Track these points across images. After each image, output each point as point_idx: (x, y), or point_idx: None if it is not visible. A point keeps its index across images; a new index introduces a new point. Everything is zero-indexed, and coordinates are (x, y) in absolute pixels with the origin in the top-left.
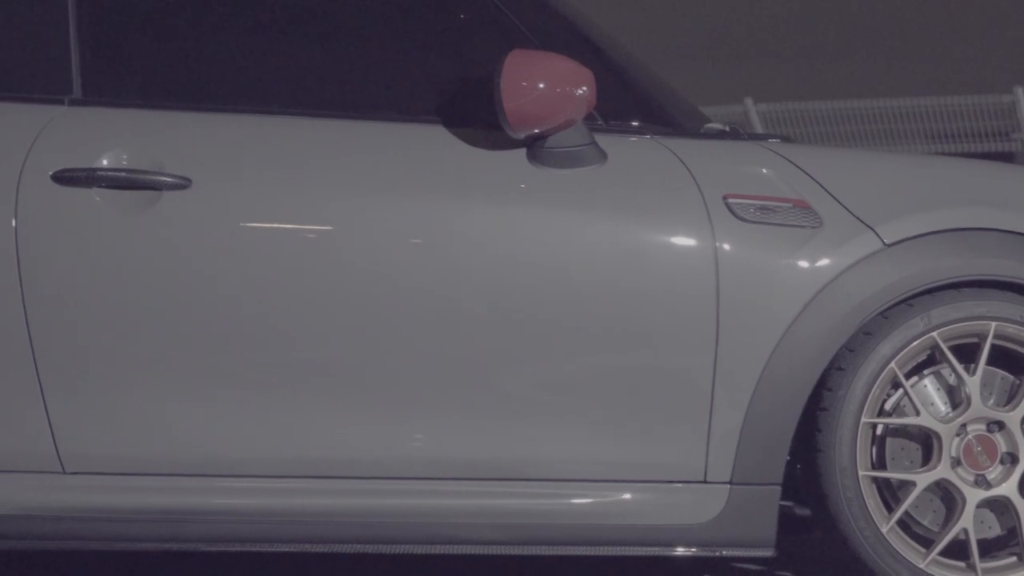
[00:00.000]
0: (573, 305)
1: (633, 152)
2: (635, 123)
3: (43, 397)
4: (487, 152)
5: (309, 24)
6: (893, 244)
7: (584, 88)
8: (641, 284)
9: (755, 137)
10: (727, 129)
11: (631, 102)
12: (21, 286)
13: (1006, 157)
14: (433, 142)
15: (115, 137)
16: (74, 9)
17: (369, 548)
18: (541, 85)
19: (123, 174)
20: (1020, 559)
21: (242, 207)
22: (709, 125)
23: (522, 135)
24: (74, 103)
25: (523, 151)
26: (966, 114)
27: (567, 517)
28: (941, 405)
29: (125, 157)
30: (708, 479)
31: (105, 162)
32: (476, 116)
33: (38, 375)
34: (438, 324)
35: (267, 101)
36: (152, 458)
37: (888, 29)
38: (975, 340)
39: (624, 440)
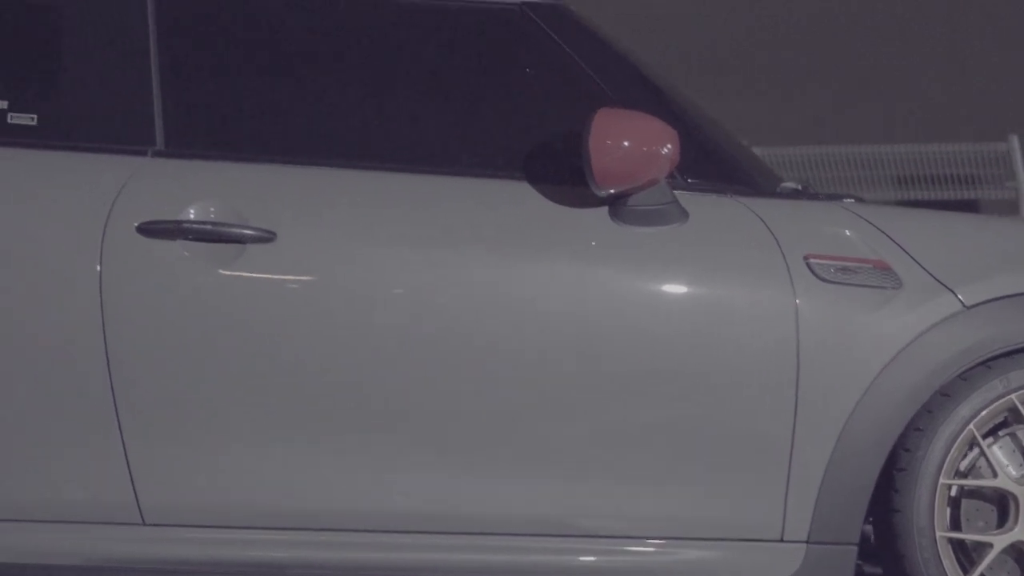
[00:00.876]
0: (654, 362)
1: (714, 211)
2: (714, 182)
3: (124, 448)
4: (570, 209)
5: (394, 79)
6: (973, 306)
7: (669, 147)
8: (721, 342)
9: (831, 197)
10: (800, 188)
11: (710, 161)
12: (105, 337)
13: (1000, 205)
14: (516, 198)
15: (199, 189)
16: (156, 61)
17: None
18: (628, 144)
19: (208, 226)
20: None
21: (327, 261)
22: (784, 184)
23: (607, 193)
24: (157, 154)
25: (606, 209)
26: (959, 161)
27: (639, 575)
28: (1016, 467)
29: (210, 209)
30: (785, 538)
31: (190, 214)
32: (559, 173)
33: (120, 426)
34: (522, 380)
35: (351, 155)
36: (231, 510)
37: (883, 76)
38: None
39: (700, 498)
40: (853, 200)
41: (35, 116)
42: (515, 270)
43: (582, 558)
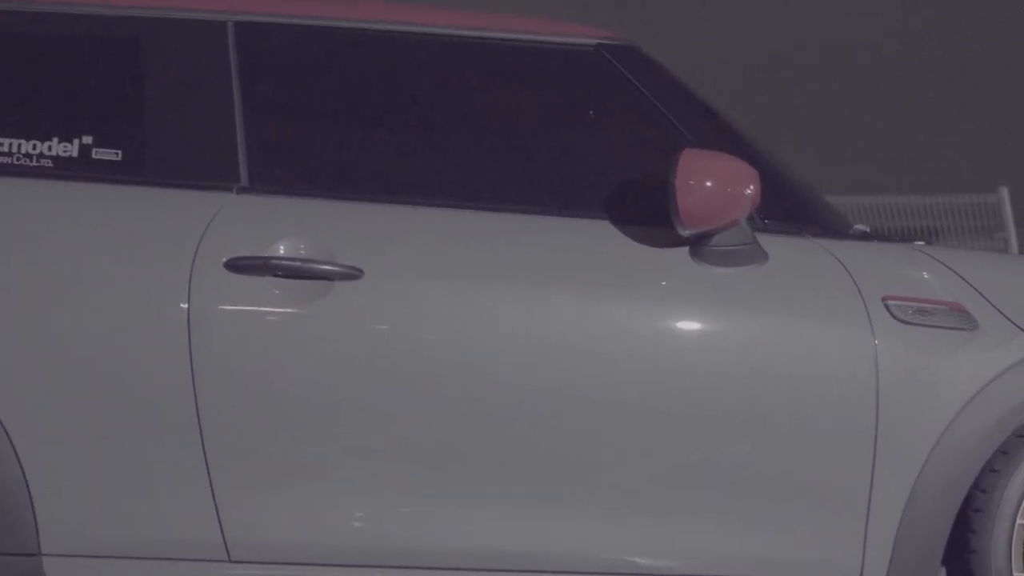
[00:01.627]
0: (733, 401)
1: (792, 252)
2: (790, 223)
3: (211, 484)
4: (650, 249)
5: (474, 118)
6: None
7: (751, 188)
8: (801, 382)
9: (903, 239)
10: (868, 230)
11: (785, 202)
12: (193, 373)
13: None
14: (598, 237)
15: (286, 225)
16: (239, 99)
17: None
18: (713, 184)
19: (296, 263)
20: None
21: (414, 299)
22: (857, 227)
23: (691, 233)
24: (242, 191)
25: (687, 249)
26: (950, 212)
27: None
28: None
29: (297, 246)
30: None
31: (278, 250)
32: (638, 212)
33: (207, 462)
34: (606, 419)
35: (434, 193)
36: (316, 547)
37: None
38: None
39: (781, 538)
40: (923, 243)
41: (120, 152)
42: (599, 309)
43: None
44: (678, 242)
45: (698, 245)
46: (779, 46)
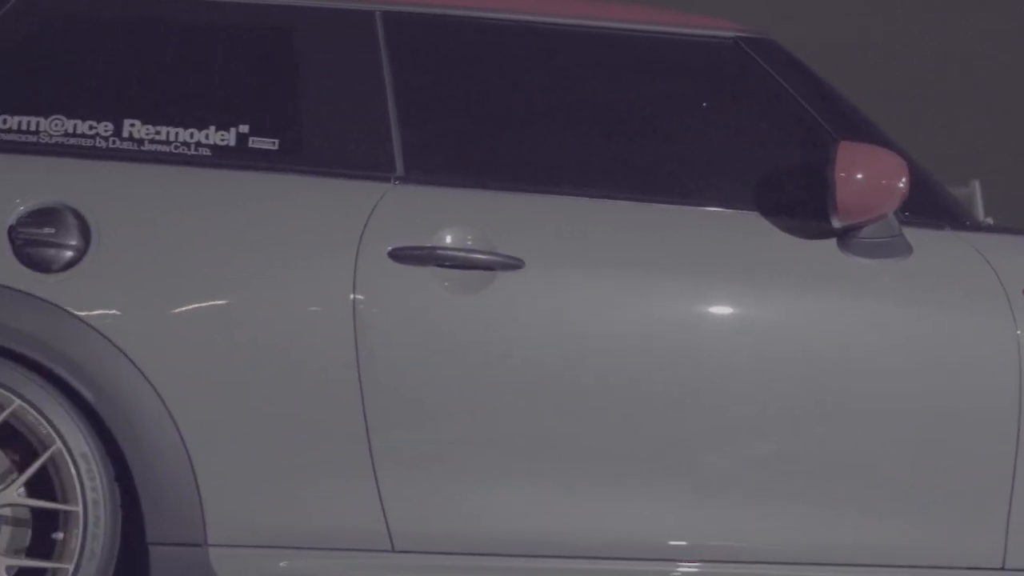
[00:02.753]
0: (878, 392)
1: (935, 245)
2: (930, 216)
3: (375, 475)
4: (799, 240)
5: (626, 111)
6: None
7: (904, 180)
8: (946, 373)
9: None
10: (991, 222)
11: (924, 195)
12: (358, 364)
13: None
14: (750, 229)
15: (447, 216)
16: (392, 89)
17: None
18: (870, 177)
19: (460, 253)
20: None
21: (575, 290)
22: (985, 219)
23: (845, 225)
24: (399, 181)
25: (834, 241)
26: None
27: None
28: None
29: (459, 236)
30: (1007, 566)
31: (441, 241)
32: (785, 205)
33: (371, 452)
34: (760, 408)
35: (590, 184)
36: (480, 538)
37: None
38: None
39: (923, 526)
40: None
41: (276, 141)
42: (754, 300)
43: None
44: (825, 234)
45: (846, 237)
46: None
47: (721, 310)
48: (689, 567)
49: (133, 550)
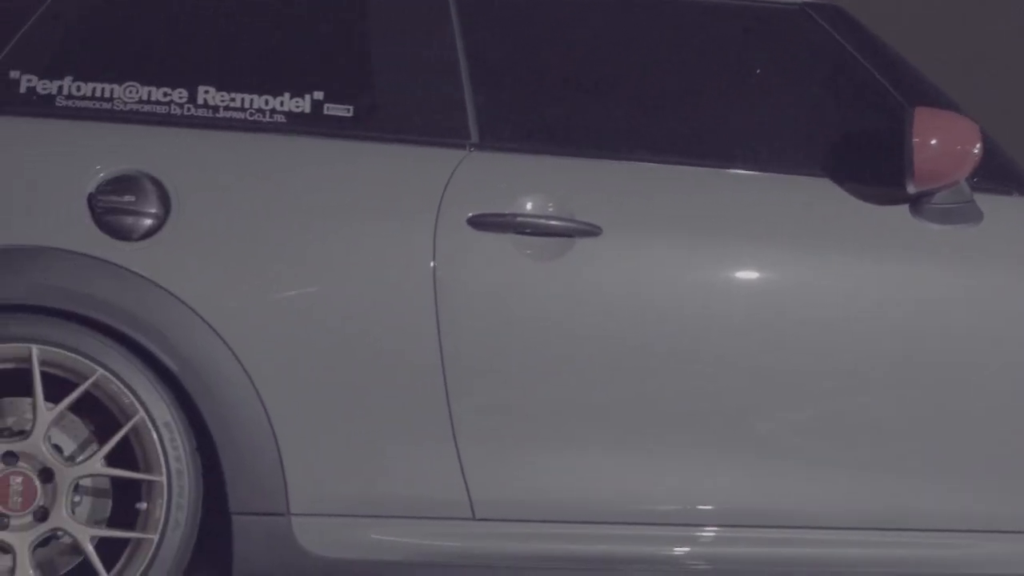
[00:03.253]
0: (951, 356)
1: (1005, 210)
2: (998, 182)
3: (456, 443)
4: (871, 206)
5: (698, 78)
6: None
7: (978, 146)
8: (1015, 338)
9: None
10: None
11: (994, 161)
12: (439, 332)
13: None
14: (822, 195)
15: (524, 183)
16: (464, 55)
17: None
18: (946, 142)
19: (539, 220)
20: None
21: (653, 257)
22: None
23: (920, 191)
24: (474, 148)
25: (906, 207)
26: None
27: (942, 567)
28: None
29: (538, 203)
30: None
31: (518, 207)
32: (855, 171)
33: (452, 420)
34: (837, 375)
35: (662, 151)
36: (560, 505)
37: None
38: None
39: (1001, 492)
40: None
41: (351, 108)
42: (827, 266)
43: (892, 551)
44: (897, 200)
45: (918, 203)
46: None
47: (796, 276)
48: (771, 532)
49: (215, 520)
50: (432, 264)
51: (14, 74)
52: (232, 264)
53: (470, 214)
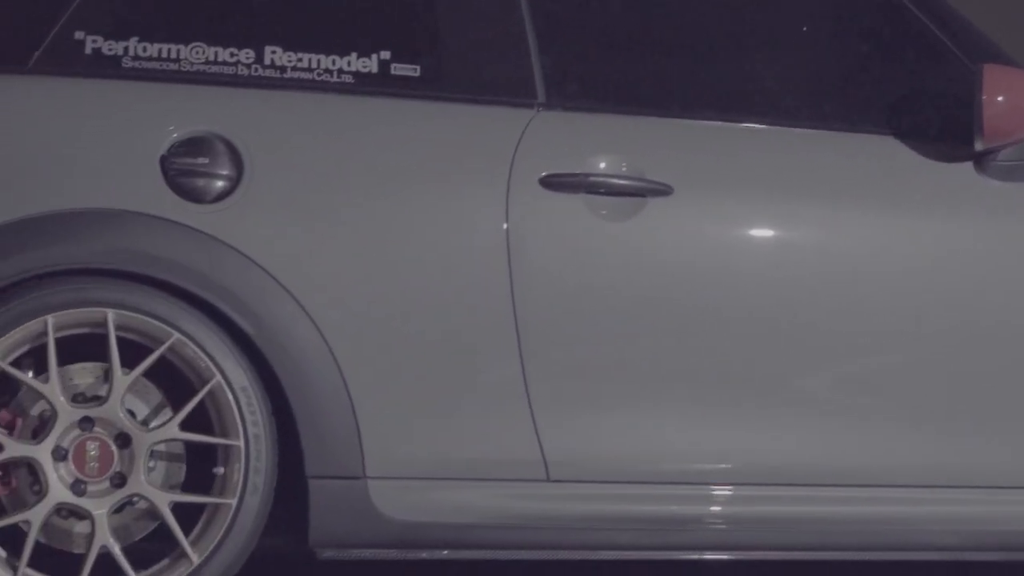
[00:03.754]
0: (1014, 314)
1: None
2: None
3: (530, 405)
4: (937, 164)
5: (769, 38)
6: None
7: None
8: None
9: None
10: None
11: None
12: (512, 292)
13: None
14: (889, 154)
15: (594, 142)
16: (529, 15)
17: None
18: (1016, 100)
19: (612, 180)
20: None
21: (723, 215)
22: None
23: (987, 148)
24: (542, 108)
25: (970, 164)
26: None
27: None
28: None
29: (609, 163)
30: None
31: (591, 167)
32: (920, 129)
33: (525, 381)
34: (905, 334)
35: (729, 109)
36: (634, 466)
37: None
38: None
39: None
40: None
41: (417, 68)
42: (897, 223)
43: (960, 508)
44: (961, 157)
45: (983, 161)
46: None
47: (862, 233)
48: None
49: (289, 485)
50: (505, 225)
51: (79, 35)
52: (306, 226)
53: (542, 174)
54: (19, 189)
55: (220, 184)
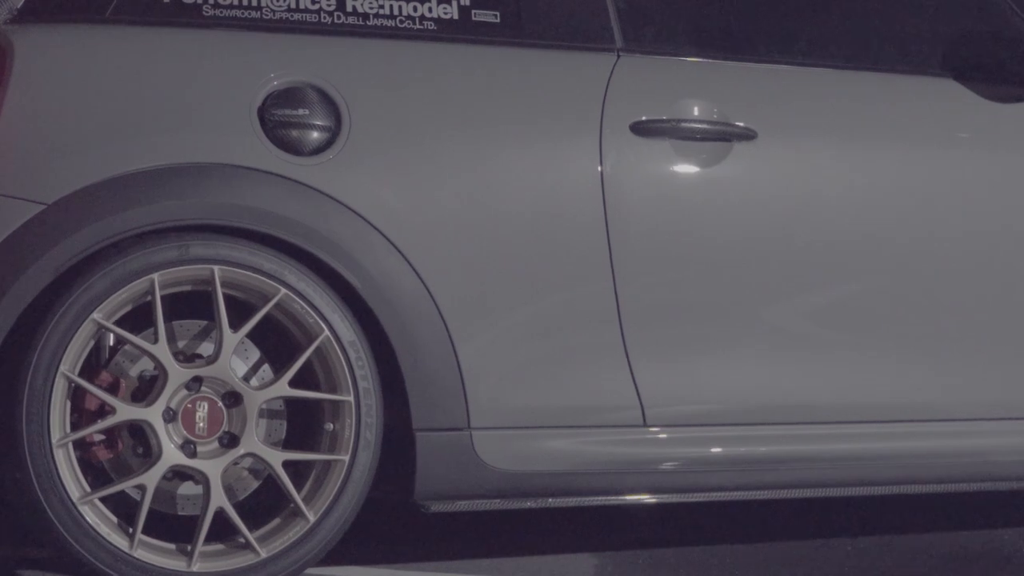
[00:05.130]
0: None
1: None
2: None
3: (626, 352)
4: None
5: None
6: None
7: None
8: None
9: None
10: None
11: None
12: (608, 240)
13: None
14: (956, 96)
15: (678, 88)
16: None
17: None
18: None
19: (701, 125)
20: None
21: (805, 159)
22: None
23: None
24: (624, 53)
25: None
26: None
27: None
28: None
29: (695, 108)
30: None
31: (678, 113)
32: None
33: (622, 330)
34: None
35: (810, 54)
36: (726, 409)
37: None
38: None
39: None
40: None
41: (497, 14)
42: (964, 163)
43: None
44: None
45: None
46: None
47: (936, 174)
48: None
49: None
50: (600, 171)
51: None
52: (406, 177)
53: (632, 120)
54: (114, 145)
55: (319, 135)
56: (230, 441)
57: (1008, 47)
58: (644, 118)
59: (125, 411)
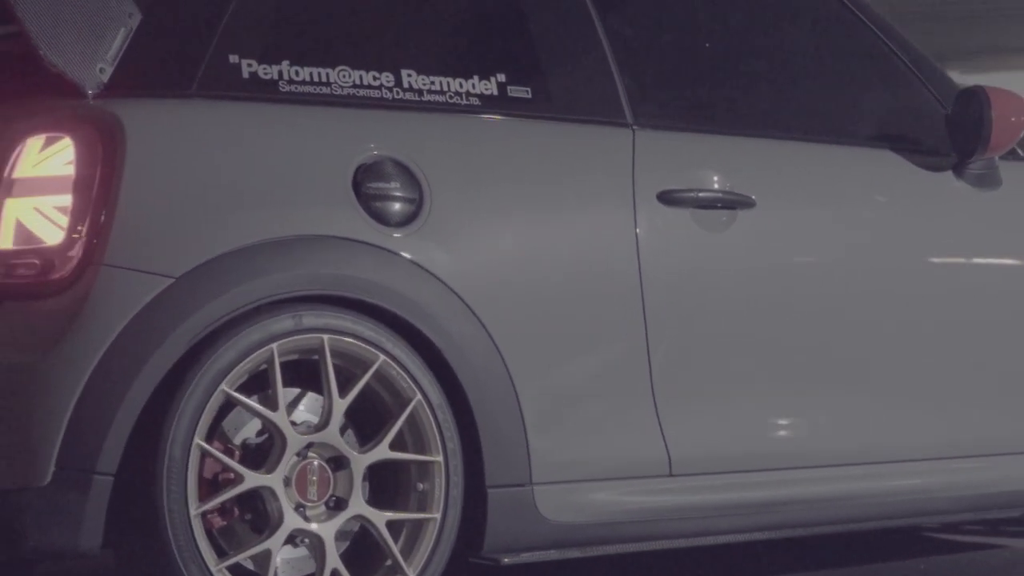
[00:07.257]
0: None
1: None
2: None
3: (656, 406)
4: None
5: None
6: None
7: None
8: None
9: None
10: None
11: None
12: (644, 304)
13: None
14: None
15: (693, 160)
16: (605, 36)
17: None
18: (1011, 117)
19: (715, 194)
20: None
21: (797, 225)
22: None
23: (978, 159)
24: (637, 128)
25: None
26: None
27: None
28: None
29: (708, 179)
30: None
31: (696, 183)
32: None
33: (652, 385)
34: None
35: (794, 129)
36: (748, 456)
37: None
38: None
39: None
40: None
41: (529, 90)
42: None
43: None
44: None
45: (959, 168)
46: None
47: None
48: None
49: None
50: (634, 237)
51: (233, 59)
52: (478, 245)
53: (659, 191)
54: (228, 219)
55: (406, 207)
56: (336, 504)
57: (933, 126)
58: (668, 188)
59: (252, 478)
